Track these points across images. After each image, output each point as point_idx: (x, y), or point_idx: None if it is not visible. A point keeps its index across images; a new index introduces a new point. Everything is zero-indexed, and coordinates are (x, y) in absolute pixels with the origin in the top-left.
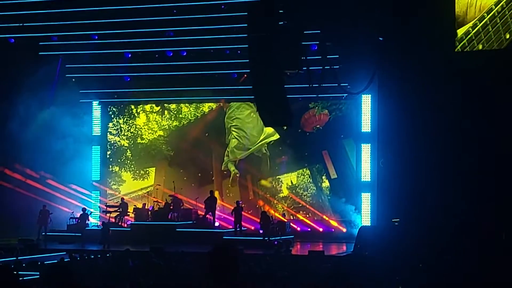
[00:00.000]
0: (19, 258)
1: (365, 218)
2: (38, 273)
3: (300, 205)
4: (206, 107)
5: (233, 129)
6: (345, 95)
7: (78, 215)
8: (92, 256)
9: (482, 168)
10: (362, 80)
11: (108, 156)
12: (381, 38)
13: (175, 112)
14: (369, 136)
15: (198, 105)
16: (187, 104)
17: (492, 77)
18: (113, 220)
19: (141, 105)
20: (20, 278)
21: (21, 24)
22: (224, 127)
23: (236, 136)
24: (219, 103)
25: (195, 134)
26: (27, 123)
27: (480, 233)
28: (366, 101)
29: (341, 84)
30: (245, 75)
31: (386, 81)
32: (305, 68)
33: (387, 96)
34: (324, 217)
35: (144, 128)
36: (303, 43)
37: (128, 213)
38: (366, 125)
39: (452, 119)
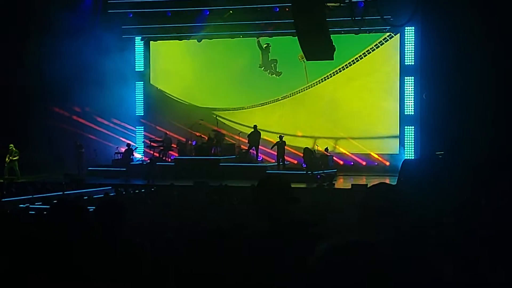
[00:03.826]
0: (65, 192)
1: (408, 152)
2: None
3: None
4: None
5: None
6: (387, 27)
7: (122, 150)
8: (137, 191)
9: None
10: (405, 12)
11: (151, 93)
12: None
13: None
14: (412, 69)
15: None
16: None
17: None
18: (157, 155)
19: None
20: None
21: None
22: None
23: None
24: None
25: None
26: (70, 61)
27: None
28: (410, 34)
29: (384, 17)
30: (287, 9)
31: (430, 12)
32: (347, 1)
33: (431, 27)
34: (368, 150)
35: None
36: None
37: (172, 148)
38: (409, 58)
39: (499, 50)
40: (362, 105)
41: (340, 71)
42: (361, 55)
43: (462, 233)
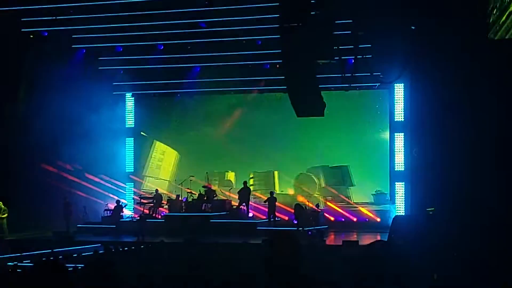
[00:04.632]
0: (54, 250)
1: (399, 208)
2: (72, 265)
3: (334, 194)
4: None
5: None
6: (377, 84)
7: (112, 207)
8: (126, 248)
9: None
10: (395, 69)
11: (141, 148)
12: (413, 27)
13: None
14: (402, 125)
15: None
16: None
17: None
18: (147, 211)
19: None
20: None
21: (54, 18)
22: None
23: None
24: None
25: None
26: (60, 116)
27: None
28: (399, 90)
29: (374, 74)
30: (277, 66)
31: (419, 70)
32: (337, 57)
33: (420, 84)
34: (358, 207)
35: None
36: (335, 33)
37: (162, 204)
38: (399, 114)
39: (486, 108)
40: (353, 162)
41: (330, 128)
42: (351, 112)
43: None
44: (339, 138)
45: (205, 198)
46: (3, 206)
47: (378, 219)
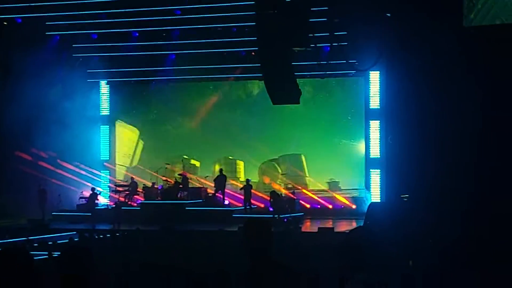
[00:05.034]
0: (29, 238)
1: (374, 195)
2: (47, 253)
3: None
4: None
5: None
6: (353, 72)
7: (87, 194)
8: (102, 236)
9: (492, 145)
10: (370, 57)
11: (116, 136)
12: (388, 14)
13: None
14: (377, 112)
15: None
16: None
17: (502, 52)
18: (123, 199)
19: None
20: (36, 258)
21: (27, 4)
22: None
23: None
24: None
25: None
26: (34, 104)
27: (489, 213)
28: (375, 78)
29: (349, 61)
30: (253, 53)
31: (395, 57)
32: (313, 45)
33: (396, 72)
34: (334, 194)
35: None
36: (310, 20)
37: (138, 192)
38: (374, 101)
39: (461, 95)
40: (328, 149)
41: (306, 115)
42: (326, 99)
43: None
44: (313, 126)
45: (181, 186)
46: None
47: (354, 206)
